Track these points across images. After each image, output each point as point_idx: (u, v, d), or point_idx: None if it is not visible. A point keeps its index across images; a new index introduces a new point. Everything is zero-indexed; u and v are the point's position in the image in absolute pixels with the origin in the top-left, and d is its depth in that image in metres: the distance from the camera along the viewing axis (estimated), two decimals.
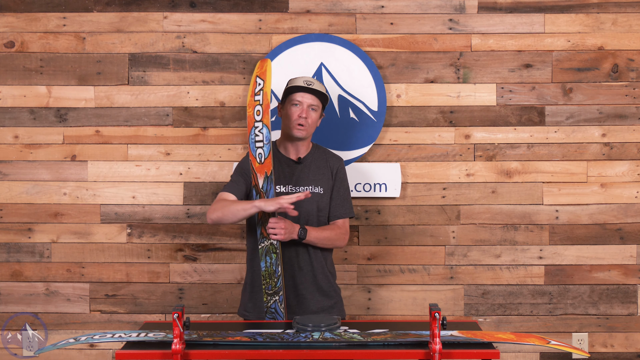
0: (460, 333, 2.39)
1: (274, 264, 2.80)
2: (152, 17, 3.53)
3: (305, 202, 2.86)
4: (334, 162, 2.99)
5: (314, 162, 2.97)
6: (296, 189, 2.91)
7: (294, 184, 2.92)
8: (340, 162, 3.02)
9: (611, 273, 3.53)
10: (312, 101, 2.89)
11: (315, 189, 2.92)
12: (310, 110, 2.89)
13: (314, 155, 2.99)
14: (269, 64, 2.86)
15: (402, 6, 3.51)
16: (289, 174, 2.94)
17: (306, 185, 2.92)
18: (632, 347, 3.54)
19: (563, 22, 3.50)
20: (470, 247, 3.53)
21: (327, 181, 2.95)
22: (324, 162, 2.98)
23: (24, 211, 3.55)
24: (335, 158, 3.02)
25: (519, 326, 3.54)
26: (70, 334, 3.55)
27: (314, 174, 2.95)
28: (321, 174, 2.95)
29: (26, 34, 3.53)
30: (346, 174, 3.04)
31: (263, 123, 2.80)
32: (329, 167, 2.97)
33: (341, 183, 2.99)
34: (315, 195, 2.91)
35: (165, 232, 3.54)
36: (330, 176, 2.96)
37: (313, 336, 2.35)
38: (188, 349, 2.27)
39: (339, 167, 3.00)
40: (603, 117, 3.52)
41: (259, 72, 2.85)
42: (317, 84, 2.92)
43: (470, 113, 3.52)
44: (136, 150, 3.54)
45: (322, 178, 2.95)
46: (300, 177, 2.93)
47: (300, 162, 2.96)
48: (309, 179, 2.93)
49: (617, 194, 3.52)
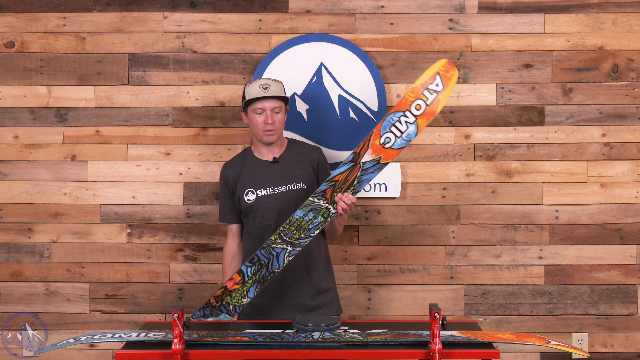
0: (460, 333, 2.39)
1: (312, 224, 2.75)
2: (152, 17, 3.53)
3: (292, 202, 2.88)
4: (312, 155, 3.01)
5: (291, 159, 2.98)
6: (278, 189, 2.92)
7: (275, 185, 2.93)
8: (320, 153, 3.04)
9: (611, 273, 3.53)
10: (273, 104, 2.90)
11: (298, 185, 2.93)
12: (273, 114, 2.90)
13: (290, 152, 3.00)
14: (456, 76, 2.72)
15: (402, 6, 3.51)
16: (268, 175, 2.95)
17: (288, 184, 2.93)
18: (632, 347, 3.54)
19: (563, 22, 3.50)
20: (470, 247, 3.53)
21: (309, 175, 2.96)
22: (302, 157, 2.99)
23: (24, 211, 3.55)
24: (313, 150, 3.04)
25: (519, 326, 3.54)
26: (70, 334, 3.55)
27: (293, 170, 2.96)
28: (301, 169, 2.96)
29: (26, 34, 3.53)
30: (327, 162, 3.07)
31: (416, 121, 2.72)
32: (308, 160, 2.99)
33: (328, 172, 3.01)
34: (299, 191, 2.92)
35: (165, 232, 3.54)
36: (310, 170, 2.98)
37: (313, 336, 2.35)
38: (188, 349, 2.27)
39: (318, 158, 3.01)
40: (603, 117, 3.52)
41: (444, 73, 2.70)
42: (273, 85, 2.92)
43: (470, 113, 3.52)
44: (136, 150, 3.54)
45: (302, 173, 2.96)
46: (280, 177, 2.94)
47: (277, 162, 2.96)
48: (289, 177, 2.94)
49: (617, 194, 3.52)
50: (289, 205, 2.88)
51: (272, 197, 2.92)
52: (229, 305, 2.76)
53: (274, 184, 2.93)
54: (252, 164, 2.98)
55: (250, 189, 2.94)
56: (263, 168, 2.96)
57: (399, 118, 2.72)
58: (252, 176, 2.96)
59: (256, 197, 2.93)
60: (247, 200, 2.94)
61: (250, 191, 2.94)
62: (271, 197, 2.92)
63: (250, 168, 2.97)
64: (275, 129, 2.90)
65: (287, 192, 2.92)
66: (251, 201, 2.93)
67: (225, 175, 3.02)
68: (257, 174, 2.95)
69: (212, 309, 2.76)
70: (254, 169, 2.97)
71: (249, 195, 2.94)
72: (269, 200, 2.92)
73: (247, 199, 2.94)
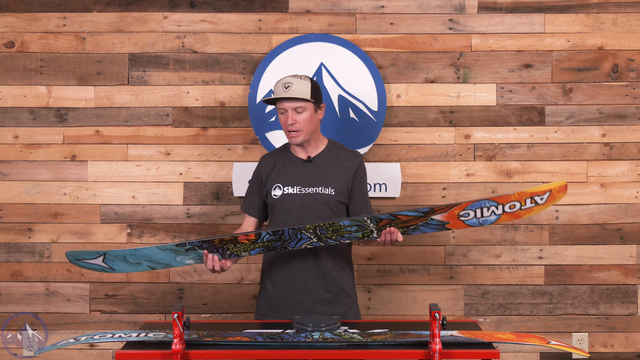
0: (460, 333, 2.39)
1: (348, 234, 2.71)
2: (152, 17, 3.53)
3: (316, 205, 2.81)
4: (350, 162, 2.87)
5: (327, 161, 2.87)
6: (304, 189, 2.83)
7: (303, 185, 2.84)
8: (359, 159, 2.89)
9: (611, 273, 3.53)
10: (294, 104, 2.76)
11: (326, 189, 2.83)
12: (295, 114, 2.78)
13: (327, 154, 2.88)
14: (562, 197, 2.61)
15: (402, 6, 3.51)
16: (299, 174, 2.86)
17: (316, 186, 2.83)
18: (632, 347, 3.54)
19: (563, 22, 3.50)
20: (470, 247, 3.53)
21: (340, 182, 2.84)
22: (337, 161, 2.87)
23: (24, 211, 3.55)
24: (352, 157, 2.89)
25: (519, 326, 3.54)
26: (70, 334, 3.55)
27: (325, 173, 2.84)
28: (333, 174, 2.85)
29: (26, 34, 3.53)
30: (366, 171, 2.93)
31: (500, 215, 2.63)
32: (343, 166, 2.86)
33: (364, 182, 2.89)
34: (326, 196, 2.82)
35: (165, 232, 3.54)
36: (344, 176, 2.85)
37: (313, 336, 2.35)
38: (188, 349, 2.27)
39: (357, 166, 2.87)
40: (603, 117, 3.52)
41: (555, 192, 2.57)
42: (296, 83, 2.77)
43: (470, 113, 3.52)
44: (136, 150, 3.54)
45: (334, 179, 2.84)
46: (310, 178, 2.85)
47: (310, 161, 2.87)
48: (319, 180, 2.84)
49: (617, 194, 3.52)
50: (311, 208, 2.80)
51: (297, 196, 2.82)
52: (227, 251, 2.74)
53: (302, 184, 2.83)
54: (287, 159, 2.90)
55: (278, 184, 2.86)
56: (295, 166, 2.87)
57: (490, 206, 2.67)
58: (283, 172, 2.88)
59: (282, 194, 2.84)
60: (273, 196, 2.86)
61: (278, 187, 2.86)
62: (296, 197, 2.82)
63: (283, 163, 2.89)
64: (299, 130, 2.78)
65: (312, 195, 2.82)
66: (277, 197, 2.85)
67: (260, 167, 2.94)
68: (289, 171, 2.87)
69: (209, 246, 2.72)
70: (287, 165, 2.89)
71: (276, 191, 2.86)
72: (293, 200, 2.82)
73: (274, 194, 2.86)
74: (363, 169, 2.90)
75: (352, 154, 2.92)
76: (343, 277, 2.88)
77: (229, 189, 3.52)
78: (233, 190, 3.50)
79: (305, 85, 2.78)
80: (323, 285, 2.82)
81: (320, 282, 2.82)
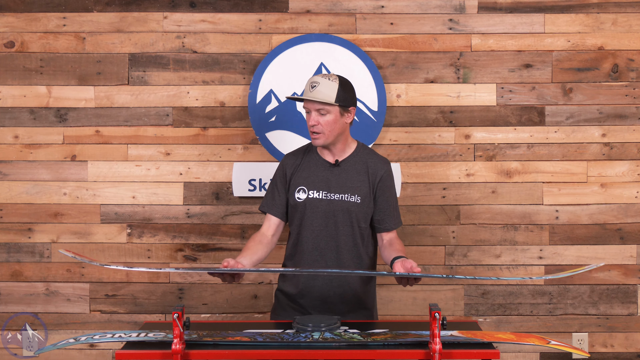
0: (460, 333, 2.39)
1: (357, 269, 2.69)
2: (152, 17, 3.53)
3: (341, 213, 2.71)
4: (377, 168, 2.75)
5: (353, 167, 2.75)
6: (330, 195, 2.72)
7: (329, 190, 2.73)
8: (386, 167, 2.77)
9: (611, 273, 3.53)
10: (317, 105, 2.66)
11: (352, 197, 2.71)
12: (319, 115, 2.66)
13: (355, 159, 2.76)
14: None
15: (402, 6, 3.51)
16: (325, 178, 2.75)
17: (341, 193, 2.72)
18: (632, 347, 3.54)
19: (563, 22, 3.50)
20: (470, 247, 3.53)
21: (365, 189, 2.73)
22: (364, 168, 2.75)
23: (24, 211, 3.55)
24: (379, 163, 2.77)
25: (519, 326, 3.54)
26: (70, 334, 3.55)
27: (352, 180, 2.73)
28: (360, 181, 2.73)
29: (26, 34, 3.53)
30: (393, 180, 2.81)
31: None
32: (370, 173, 2.74)
33: (389, 192, 2.77)
34: (352, 204, 2.71)
35: (165, 232, 3.54)
36: (368, 183, 2.73)
37: (313, 336, 2.35)
38: (188, 349, 2.27)
39: (383, 173, 2.75)
40: (603, 117, 3.52)
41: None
42: (323, 84, 2.66)
43: (470, 113, 3.52)
44: (136, 150, 3.54)
45: (360, 186, 2.73)
46: (336, 183, 2.73)
47: (338, 165, 2.75)
48: (346, 186, 2.73)
49: (617, 194, 3.52)
50: (337, 215, 2.69)
51: (322, 202, 2.72)
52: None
53: (328, 189, 2.73)
54: (312, 161, 2.78)
55: (303, 187, 2.75)
56: (322, 169, 2.75)
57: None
58: (308, 173, 2.76)
59: (307, 197, 2.73)
60: (297, 198, 2.74)
61: (302, 189, 2.75)
62: (322, 202, 2.72)
63: (309, 165, 2.77)
64: (320, 132, 2.66)
65: (338, 202, 2.71)
66: (301, 200, 2.74)
67: (285, 165, 2.81)
68: (315, 173, 2.75)
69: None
70: (313, 166, 2.77)
71: (299, 194, 2.74)
72: (318, 205, 2.72)
73: (298, 197, 2.74)
74: (390, 177, 2.79)
75: (380, 160, 2.79)
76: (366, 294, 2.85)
77: (229, 189, 3.52)
78: (233, 190, 3.50)
79: (331, 87, 2.66)
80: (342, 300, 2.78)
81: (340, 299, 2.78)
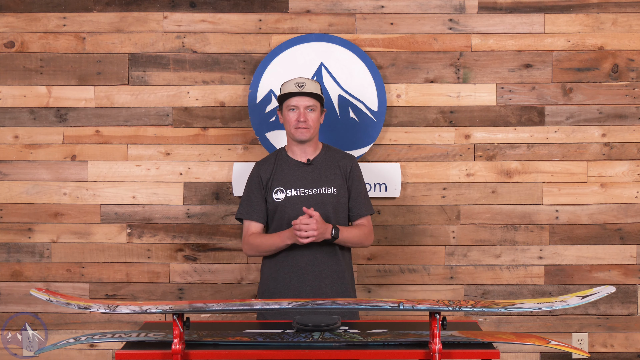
0: (460, 333, 2.39)
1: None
2: (152, 17, 3.53)
3: (320, 205, 2.84)
4: (345, 162, 2.97)
5: (324, 163, 2.95)
6: (309, 191, 2.89)
7: (306, 187, 2.89)
8: (353, 161, 3.00)
9: (611, 273, 3.53)
10: (307, 102, 2.87)
11: (329, 189, 2.90)
12: (307, 112, 2.87)
13: (324, 156, 2.97)
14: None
15: (402, 6, 3.51)
16: (300, 176, 2.91)
17: (319, 187, 2.89)
18: (632, 347, 3.54)
19: (563, 22, 3.50)
20: (470, 247, 3.53)
21: (339, 180, 2.93)
22: (335, 162, 2.96)
23: (24, 211, 3.55)
24: (346, 157, 3.00)
25: (519, 326, 3.54)
26: (70, 334, 3.55)
27: (326, 174, 2.92)
28: (333, 174, 2.93)
29: (26, 34, 3.53)
30: (361, 171, 3.03)
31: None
32: (340, 167, 2.95)
33: (358, 181, 2.97)
34: (329, 196, 2.89)
35: (165, 232, 3.54)
36: (341, 176, 2.94)
37: (313, 336, 2.35)
38: (188, 349, 2.27)
39: (352, 165, 2.97)
40: (603, 117, 3.52)
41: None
42: (309, 84, 2.88)
43: (470, 113, 3.52)
44: (136, 150, 3.54)
45: (334, 178, 2.92)
46: (312, 179, 2.91)
47: (310, 163, 2.93)
48: (322, 180, 2.91)
49: (617, 194, 3.52)
50: (317, 208, 2.79)
51: (301, 198, 2.87)
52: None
53: (305, 186, 2.89)
54: (285, 163, 2.94)
55: (280, 187, 2.90)
56: (296, 168, 2.92)
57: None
58: (283, 175, 2.92)
59: (285, 196, 2.88)
60: (275, 199, 2.89)
61: (279, 190, 2.90)
62: (301, 199, 2.87)
63: (282, 167, 2.94)
64: (308, 127, 2.86)
65: (317, 195, 2.88)
66: (280, 200, 2.88)
67: (259, 172, 2.96)
68: (289, 174, 2.91)
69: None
70: (287, 168, 2.93)
71: (277, 194, 2.89)
72: (297, 201, 2.86)
73: (276, 197, 2.89)
74: (358, 168, 3.01)
75: (346, 155, 3.02)
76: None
77: (229, 189, 3.52)
78: (233, 190, 3.50)
79: (316, 87, 2.91)
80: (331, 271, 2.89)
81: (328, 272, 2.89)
